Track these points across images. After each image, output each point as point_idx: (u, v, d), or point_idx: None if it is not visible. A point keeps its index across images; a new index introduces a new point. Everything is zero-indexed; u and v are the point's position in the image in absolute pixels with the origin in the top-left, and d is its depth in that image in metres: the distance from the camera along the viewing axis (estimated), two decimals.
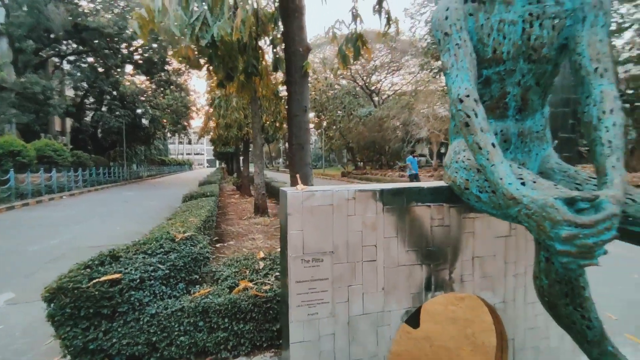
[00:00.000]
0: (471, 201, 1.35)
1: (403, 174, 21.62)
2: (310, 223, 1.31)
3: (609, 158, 1.09)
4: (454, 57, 1.33)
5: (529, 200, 0.98)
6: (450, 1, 1.41)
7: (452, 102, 1.28)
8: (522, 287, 1.60)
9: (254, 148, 8.88)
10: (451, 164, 1.50)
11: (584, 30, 1.29)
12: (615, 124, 1.13)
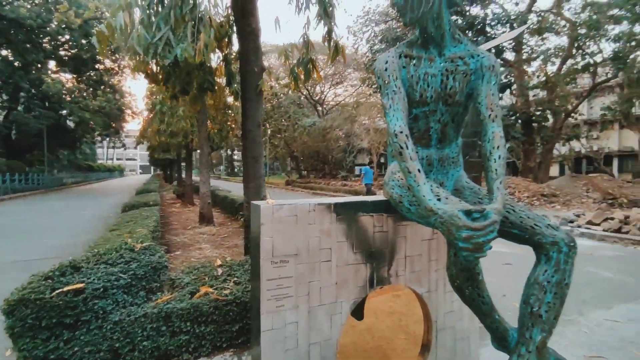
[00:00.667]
0: (403, 212, 1.74)
1: (346, 183, 22.49)
2: (279, 231, 1.59)
3: (495, 181, 1.53)
4: (391, 100, 1.71)
5: (442, 212, 1.37)
6: (388, 56, 1.80)
7: (389, 136, 1.66)
8: (442, 279, 2.03)
9: (200, 156, 8.82)
10: (389, 182, 1.89)
11: (483, 85, 1.76)
12: (500, 156, 1.59)
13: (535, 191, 12.63)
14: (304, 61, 4.03)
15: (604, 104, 20.93)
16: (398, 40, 18.00)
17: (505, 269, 5.17)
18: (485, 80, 1.76)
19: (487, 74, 1.77)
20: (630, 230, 7.30)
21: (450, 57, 1.81)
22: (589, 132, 22.67)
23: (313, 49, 4.09)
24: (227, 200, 11.37)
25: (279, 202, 1.65)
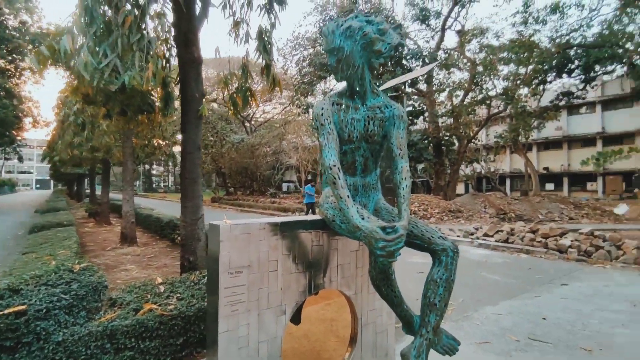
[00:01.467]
0: (336, 228, 2.16)
1: (275, 200, 22.72)
2: (235, 247, 1.89)
3: (403, 204, 2.04)
4: (326, 139, 2.15)
5: (365, 228, 1.82)
6: (324, 103, 2.25)
7: (325, 168, 2.08)
8: (366, 283, 2.49)
9: (124, 173, 8.44)
10: (323, 204, 2.31)
11: (394, 130, 2.29)
12: (407, 185, 2.11)
13: (445, 207, 14.29)
14: (242, 89, 4.36)
15: (497, 132, 24.55)
16: (324, 66, 19.19)
17: (419, 276, 5.94)
18: (396, 126, 2.30)
19: (397, 122, 2.31)
20: (515, 241, 8.79)
21: (370, 106, 2.32)
22: (486, 155, 26.19)
23: (251, 78, 4.45)
24: (151, 219, 10.89)
25: (235, 222, 1.96)
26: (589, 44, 21.25)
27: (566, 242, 7.93)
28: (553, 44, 20.87)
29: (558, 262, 7.43)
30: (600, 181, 30.44)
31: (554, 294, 5.38)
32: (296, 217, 2.36)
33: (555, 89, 24.28)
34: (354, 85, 2.25)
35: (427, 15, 19.58)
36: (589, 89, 23.99)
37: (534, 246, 8.37)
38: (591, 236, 7.93)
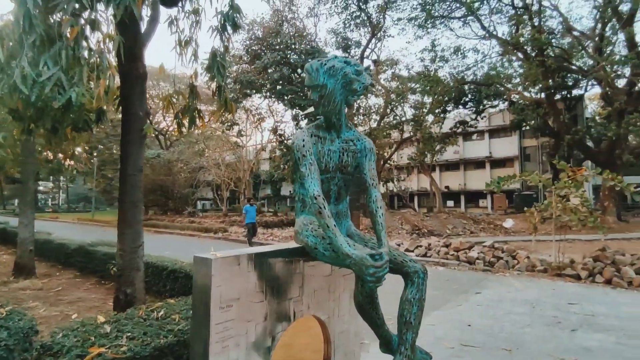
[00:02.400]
0: (318, 256, 2.24)
1: (194, 220, 21.45)
2: (226, 280, 1.84)
3: (382, 232, 2.21)
4: (308, 170, 2.24)
5: (355, 256, 1.94)
6: (304, 135, 2.35)
7: (310, 198, 2.16)
8: (337, 306, 2.59)
9: (24, 193, 7.27)
10: (302, 232, 2.37)
11: (366, 162, 2.48)
12: (383, 214, 2.30)
13: (367, 225, 15.11)
14: (190, 109, 4.20)
15: (408, 154, 27.05)
16: (251, 83, 19.19)
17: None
18: (368, 158, 2.50)
19: (369, 154, 2.51)
20: (432, 255, 9.72)
21: (345, 139, 2.49)
22: (398, 175, 28.52)
23: (199, 99, 4.32)
24: (52, 245, 9.49)
25: (223, 254, 1.91)
26: (480, 81, 24.92)
27: (474, 254, 9.04)
28: (453, 79, 23.95)
29: (469, 273, 8.42)
30: (489, 199, 35.31)
31: (471, 302, 6.10)
32: (278, 246, 2.38)
33: (453, 117, 27.77)
34: (332, 119, 2.40)
35: (348, 45, 20.99)
36: (480, 119, 28.01)
37: (448, 259, 9.36)
38: (492, 248, 9.18)
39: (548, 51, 19.54)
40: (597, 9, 18.87)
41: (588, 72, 19.38)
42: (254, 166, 27.71)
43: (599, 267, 7.36)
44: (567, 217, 7.27)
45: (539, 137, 30.73)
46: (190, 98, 4.21)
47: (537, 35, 17.28)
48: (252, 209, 12.75)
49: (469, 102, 27.13)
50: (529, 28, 19.76)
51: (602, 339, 4.41)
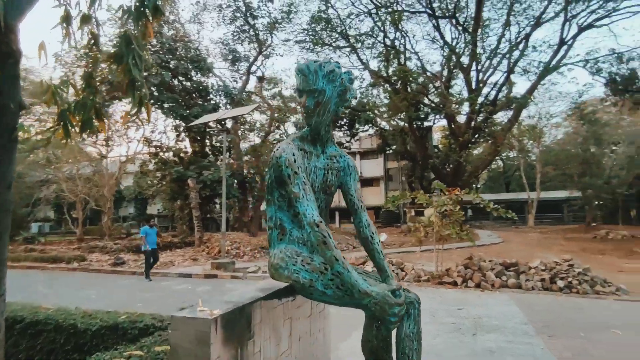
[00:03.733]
0: (314, 295, 1.85)
1: (34, 248, 17.02)
2: (226, 342, 1.31)
3: (383, 261, 1.97)
4: (303, 190, 1.86)
5: (376, 294, 1.64)
6: (292, 148, 1.96)
7: (309, 225, 1.78)
8: (319, 349, 2.21)
9: None
10: (289, 267, 1.94)
11: (351, 181, 2.23)
12: (379, 241, 2.07)
13: (256, 244, 14.55)
14: (85, 105, 3.23)
15: None
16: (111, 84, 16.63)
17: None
18: (352, 177, 2.25)
19: (353, 173, 2.26)
20: None
21: (329, 155, 2.19)
22: None
23: (98, 92, 3.38)
24: None
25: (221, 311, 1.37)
26: (353, 107, 27.31)
27: (368, 268, 9.52)
28: None
29: None
30: None
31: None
32: (269, 286, 1.89)
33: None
34: (321, 131, 2.08)
35: (236, 57, 20.39)
36: (353, 142, 30.69)
37: None
38: None
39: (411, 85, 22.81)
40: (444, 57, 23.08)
41: (438, 107, 23.35)
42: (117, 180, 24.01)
43: (469, 273, 8.60)
44: (447, 231, 8.35)
45: (399, 160, 35.42)
46: (88, 91, 3.25)
47: (405, 69, 20.03)
48: (152, 232, 10.49)
49: (344, 125, 29.53)
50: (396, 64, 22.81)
51: (495, 338, 5.02)
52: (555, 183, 34.31)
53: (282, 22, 21.13)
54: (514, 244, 18.16)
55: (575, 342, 4.81)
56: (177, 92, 17.26)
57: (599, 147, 25.82)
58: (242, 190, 19.66)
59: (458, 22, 19.53)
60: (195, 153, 18.38)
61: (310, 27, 19.98)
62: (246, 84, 22.06)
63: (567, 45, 19.65)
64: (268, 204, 2.16)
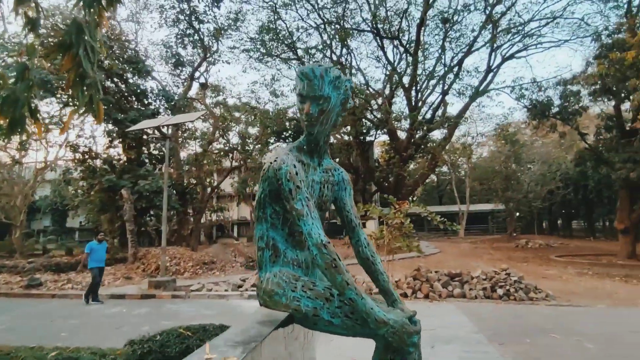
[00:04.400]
0: (319, 325, 1.64)
1: None
2: None
3: (389, 283, 1.84)
4: (307, 207, 1.66)
5: (393, 322, 1.49)
6: (292, 159, 1.76)
7: (315, 246, 1.58)
8: None
9: None
10: (287, 294, 1.72)
11: (347, 197, 2.07)
12: (380, 262, 1.93)
13: (198, 260, 13.66)
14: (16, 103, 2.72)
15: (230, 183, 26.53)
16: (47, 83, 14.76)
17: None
18: (347, 192, 2.10)
19: (348, 187, 2.11)
20: None
21: (325, 167, 2.02)
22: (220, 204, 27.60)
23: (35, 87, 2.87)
24: None
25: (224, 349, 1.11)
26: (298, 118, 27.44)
27: None
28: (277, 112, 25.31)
29: None
30: None
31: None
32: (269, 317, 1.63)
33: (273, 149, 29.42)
34: (320, 141, 1.91)
35: (180, 61, 19.32)
36: None
37: None
38: None
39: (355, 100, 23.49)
40: (386, 75, 24.22)
41: (380, 123, 24.33)
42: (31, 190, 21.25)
43: (418, 284, 8.86)
44: (398, 243, 8.52)
45: None
46: (21, 86, 2.75)
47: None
48: (100, 248, 8.93)
49: (289, 136, 29.45)
50: None
51: (453, 349, 5.14)
52: (481, 197, 37.49)
53: (229, 29, 20.60)
54: (449, 254, 19.28)
55: (524, 347, 5.09)
56: (111, 94, 15.83)
57: (518, 165, 28.77)
58: (182, 201, 18.47)
59: (401, 43, 20.66)
60: (130, 161, 16.88)
61: (259, 37, 19.72)
62: (188, 89, 21.02)
63: (493, 73, 21.83)
64: (258, 221, 1.92)
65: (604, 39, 14.72)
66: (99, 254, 8.90)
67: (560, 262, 14.85)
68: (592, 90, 14.25)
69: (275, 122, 21.99)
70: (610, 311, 7.40)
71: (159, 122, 11.23)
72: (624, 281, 10.80)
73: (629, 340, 5.42)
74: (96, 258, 8.80)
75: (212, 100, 24.89)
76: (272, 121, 19.98)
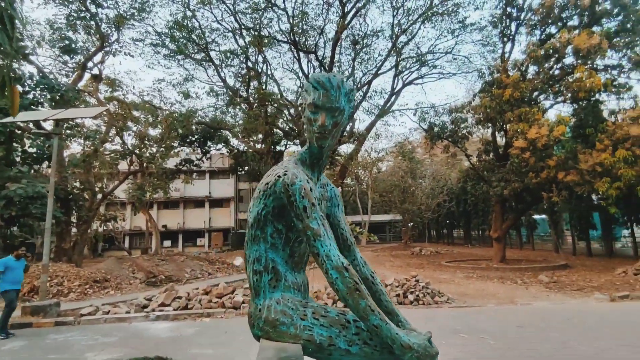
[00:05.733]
0: (334, 355, 1.48)
1: None
2: None
3: (391, 303, 1.78)
4: (323, 227, 1.51)
5: (417, 346, 1.43)
6: (301, 173, 1.60)
7: (335, 269, 1.44)
8: None
9: None
10: (294, 322, 1.53)
11: (339, 213, 1.97)
12: (380, 282, 1.87)
13: (88, 277, 11.74)
14: None
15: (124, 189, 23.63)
16: None
17: None
18: (340, 209, 2.00)
19: (340, 204, 2.01)
20: (194, 306, 8.73)
21: (321, 183, 1.90)
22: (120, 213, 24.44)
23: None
24: None
25: None
26: (207, 123, 25.94)
27: (239, 297, 8.88)
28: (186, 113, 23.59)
29: (238, 319, 8.12)
30: (207, 237, 36.40)
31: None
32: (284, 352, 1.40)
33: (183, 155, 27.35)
34: (324, 155, 1.79)
35: (70, 47, 16.58)
36: (205, 160, 29.01)
37: (212, 307, 8.71)
38: None
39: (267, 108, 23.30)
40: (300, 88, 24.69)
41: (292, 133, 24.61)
42: None
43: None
44: None
45: (252, 182, 35.39)
46: None
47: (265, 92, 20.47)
48: (18, 266, 7.19)
49: (195, 141, 27.65)
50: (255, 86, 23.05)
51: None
52: (379, 208, 40.56)
53: (131, 19, 18.58)
54: None
55: (443, 349, 5.53)
56: None
57: (414, 179, 31.99)
58: (64, 209, 15.73)
59: (317, 57, 21.29)
60: None
61: (169, 32, 18.20)
62: (79, 80, 18.23)
63: (395, 95, 24.06)
64: (255, 241, 1.69)
65: (486, 76, 17.52)
66: (15, 274, 7.19)
67: (450, 267, 16.81)
68: (478, 118, 16.70)
69: (184, 125, 20.47)
70: (498, 310, 8.59)
71: (45, 115, 9.35)
72: (501, 282, 12.71)
73: (517, 334, 6.34)
74: (12, 279, 7.10)
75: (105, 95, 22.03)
76: (180, 123, 18.54)
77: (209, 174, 37.32)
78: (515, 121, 14.04)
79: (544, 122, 13.29)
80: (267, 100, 21.52)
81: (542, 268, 15.16)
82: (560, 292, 10.88)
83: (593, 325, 6.92)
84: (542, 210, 25.18)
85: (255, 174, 30.34)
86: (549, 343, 5.74)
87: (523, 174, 14.85)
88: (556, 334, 6.22)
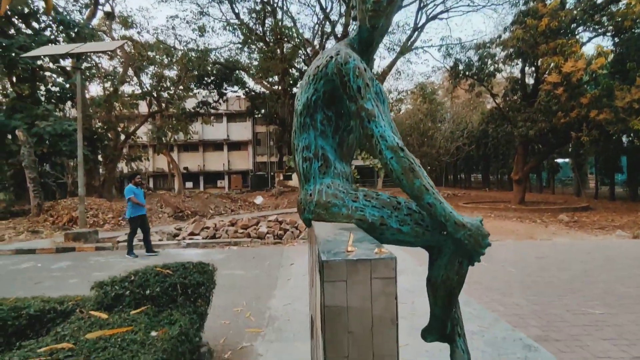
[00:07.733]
0: (385, 234, 1.54)
1: None
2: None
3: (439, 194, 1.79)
4: (376, 107, 1.49)
5: (470, 225, 1.46)
6: (354, 54, 1.53)
7: (390, 149, 1.44)
8: None
9: None
10: (346, 204, 1.57)
11: (386, 109, 1.93)
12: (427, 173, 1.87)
13: (120, 211, 12.41)
14: None
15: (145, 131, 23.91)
16: None
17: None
18: (386, 105, 1.95)
19: (386, 100, 1.96)
20: (222, 235, 9.19)
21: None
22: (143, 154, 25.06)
23: None
24: None
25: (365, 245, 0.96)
26: (222, 63, 25.29)
27: (263, 229, 9.27)
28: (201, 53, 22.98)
29: (263, 248, 8.56)
30: (227, 179, 37.29)
31: (296, 274, 6.15)
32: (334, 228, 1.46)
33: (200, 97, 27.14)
34: (374, 41, 1.71)
35: None
36: (222, 102, 28.76)
37: (238, 237, 9.16)
38: (277, 222, 9.74)
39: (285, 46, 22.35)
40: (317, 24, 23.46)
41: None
42: None
43: None
44: None
45: (269, 125, 35.22)
46: None
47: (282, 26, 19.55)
48: (140, 192, 7.75)
49: (211, 83, 27.17)
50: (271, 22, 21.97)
51: (406, 279, 5.57)
52: None
53: None
54: None
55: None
56: None
57: (433, 122, 31.16)
58: (91, 148, 16.21)
59: None
60: (20, 97, 13.99)
61: None
62: (92, 16, 17.77)
63: (418, 31, 22.59)
64: (304, 129, 1.69)
65: (520, 4, 16.09)
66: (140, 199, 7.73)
67: (468, 208, 16.91)
68: (509, 52, 15.67)
69: (199, 64, 20.06)
70: (517, 243, 8.73)
71: (64, 49, 9.26)
72: (519, 221, 12.79)
73: (536, 264, 6.48)
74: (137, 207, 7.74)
75: (119, 34, 21.51)
76: (195, 63, 18.14)
77: (226, 117, 37.26)
78: (549, 55, 13.11)
79: (581, 55, 12.37)
80: (283, 35, 20.59)
81: (563, 209, 15.08)
82: (580, 230, 10.90)
83: (614, 257, 6.98)
84: (566, 153, 24.46)
85: (272, 116, 30.12)
86: (569, 272, 5.86)
87: (551, 113, 14.20)
88: (577, 265, 6.33)
